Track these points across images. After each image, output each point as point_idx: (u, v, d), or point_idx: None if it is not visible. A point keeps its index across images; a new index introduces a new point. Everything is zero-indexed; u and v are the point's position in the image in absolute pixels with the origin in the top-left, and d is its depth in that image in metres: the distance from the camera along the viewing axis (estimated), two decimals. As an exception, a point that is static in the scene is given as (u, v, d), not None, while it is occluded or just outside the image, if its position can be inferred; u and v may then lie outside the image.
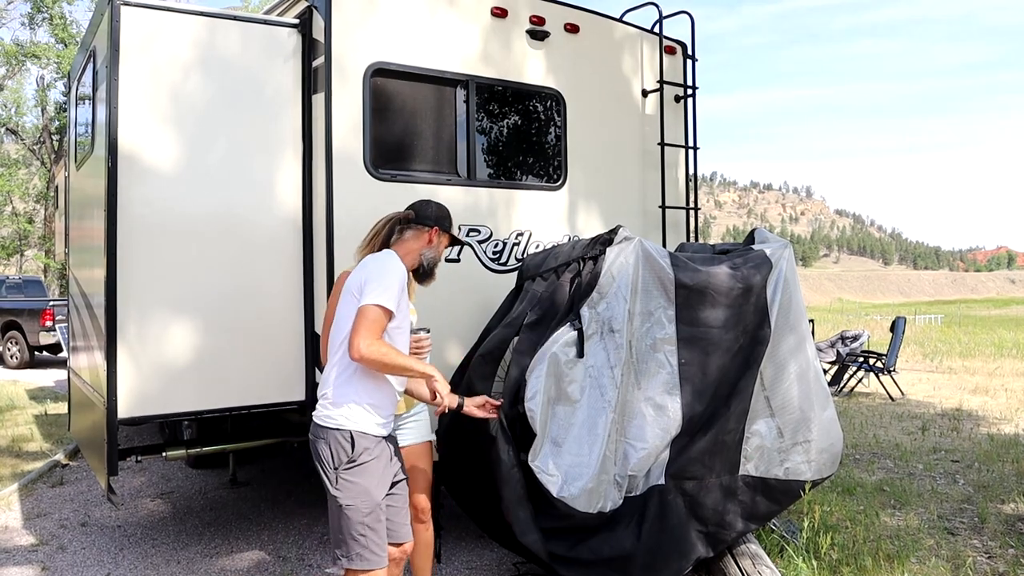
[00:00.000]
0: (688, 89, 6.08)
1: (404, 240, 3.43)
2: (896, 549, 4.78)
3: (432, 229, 3.45)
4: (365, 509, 3.07)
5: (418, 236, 3.44)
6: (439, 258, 3.52)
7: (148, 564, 4.85)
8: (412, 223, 3.45)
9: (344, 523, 3.07)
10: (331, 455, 3.10)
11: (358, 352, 2.97)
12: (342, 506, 3.06)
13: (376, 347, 2.98)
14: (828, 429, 4.53)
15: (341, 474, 3.08)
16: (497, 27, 5.13)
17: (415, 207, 3.51)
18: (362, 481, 3.08)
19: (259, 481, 6.65)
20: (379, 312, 3.02)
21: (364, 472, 3.09)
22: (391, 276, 3.10)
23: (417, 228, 3.44)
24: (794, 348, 4.40)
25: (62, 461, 7.44)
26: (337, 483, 3.08)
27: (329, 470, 3.10)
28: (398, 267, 3.16)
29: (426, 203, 3.55)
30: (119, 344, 4.20)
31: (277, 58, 4.62)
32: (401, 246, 3.40)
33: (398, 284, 3.10)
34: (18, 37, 30.93)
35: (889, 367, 11.46)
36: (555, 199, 5.37)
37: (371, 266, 3.15)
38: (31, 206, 34.37)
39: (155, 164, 4.31)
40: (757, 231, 4.84)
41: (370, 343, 2.97)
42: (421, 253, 3.43)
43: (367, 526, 3.07)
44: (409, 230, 3.44)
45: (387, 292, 3.05)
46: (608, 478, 4.00)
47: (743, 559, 4.22)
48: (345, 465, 3.08)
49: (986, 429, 8.85)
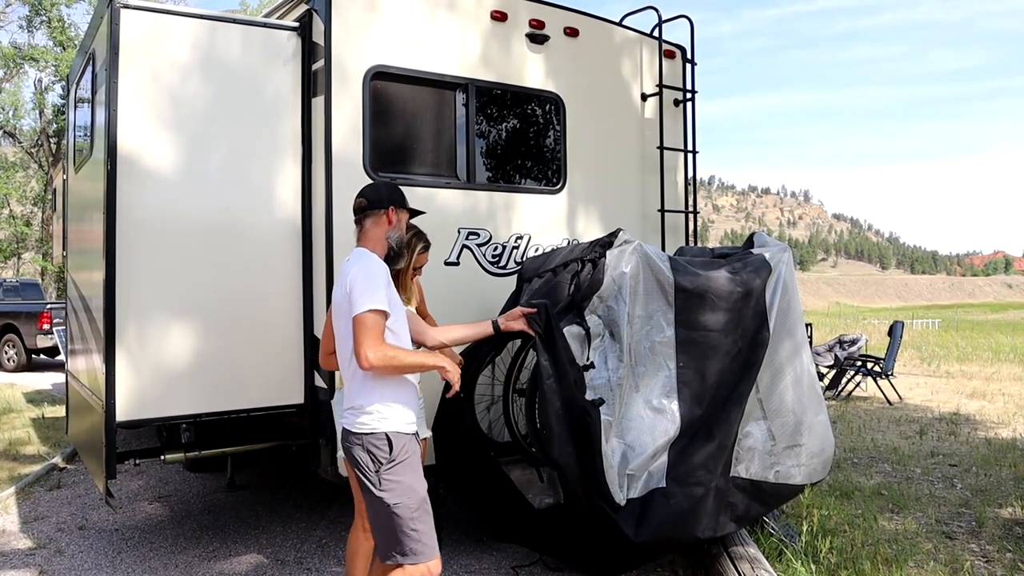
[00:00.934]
0: (687, 93, 6.10)
1: (366, 231, 3.35)
2: (894, 553, 4.78)
3: (388, 210, 3.34)
4: (413, 505, 3.10)
5: (377, 222, 3.34)
6: (404, 237, 3.46)
7: (146, 568, 4.84)
8: (367, 211, 3.35)
9: (395, 522, 3.09)
10: (370, 459, 3.12)
11: (367, 362, 2.99)
12: (390, 505, 3.08)
13: (383, 353, 3.00)
14: (820, 434, 4.54)
15: (383, 475, 3.10)
16: (497, 31, 5.13)
17: (364, 194, 3.41)
18: (405, 478, 3.12)
19: (257, 485, 6.64)
20: (373, 316, 3.02)
21: (405, 469, 3.13)
22: (371, 275, 3.08)
23: (374, 214, 3.34)
24: (790, 353, 4.41)
25: (60, 464, 7.42)
26: (381, 484, 3.10)
27: (370, 473, 3.11)
28: (374, 264, 3.14)
29: (374, 187, 3.47)
30: (117, 347, 4.19)
31: (277, 61, 4.62)
32: (367, 239, 3.33)
33: (382, 280, 3.09)
34: (16, 40, 30.93)
35: (887, 371, 11.46)
36: (554, 203, 5.37)
37: (350, 273, 3.13)
38: (29, 209, 34.38)
39: (154, 167, 4.31)
40: (756, 235, 4.85)
41: (375, 350, 2.99)
42: (387, 237, 3.34)
43: (417, 520, 3.11)
44: (367, 219, 3.35)
45: (374, 293, 3.03)
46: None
47: (741, 562, 4.22)
48: (386, 466, 3.10)
49: (984, 433, 8.85)
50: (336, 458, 4.43)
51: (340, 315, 3.15)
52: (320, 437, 4.58)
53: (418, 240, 3.90)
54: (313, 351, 4.61)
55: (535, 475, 4.74)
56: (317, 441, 4.61)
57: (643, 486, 4.11)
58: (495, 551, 4.94)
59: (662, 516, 4.05)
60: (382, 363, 3.00)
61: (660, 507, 4.06)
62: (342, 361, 3.24)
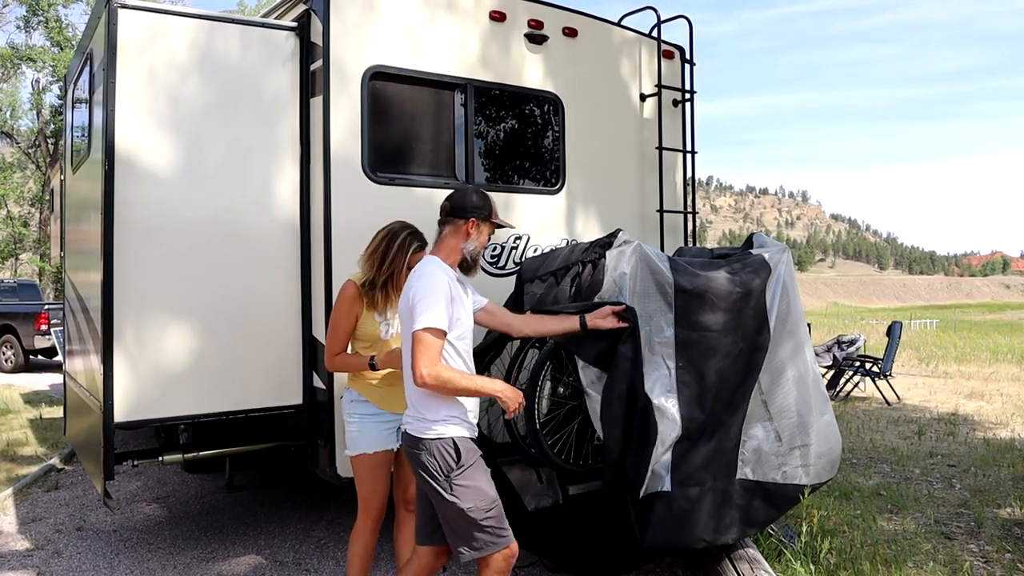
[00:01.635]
0: (686, 93, 6.09)
1: (443, 239, 3.37)
2: (893, 553, 4.78)
3: (468, 221, 3.35)
4: (484, 506, 3.16)
5: (455, 231, 3.36)
6: (481, 249, 3.44)
7: (144, 569, 4.83)
8: (447, 218, 3.38)
9: (468, 523, 3.15)
10: (439, 465, 3.15)
11: (420, 380, 3.04)
12: (464, 510, 3.13)
13: (436, 373, 3.04)
14: (826, 434, 4.52)
15: (454, 481, 3.14)
16: (495, 31, 5.13)
17: (451, 199, 3.42)
18: (475, 482, 3.17)
19: (256, 485, 6.63)
20: (430, 335, 3.05)
21: (474, 473, 3.18)
22: (432, 292, 3.11)
23: (453, 223, 3.36)
24: (792, 353, 4.40)
25: (57, 465, 7.41)
26: (453, 490, 3.14)
27: (441, 479, 3.15)
28: (438, 281, 3.15)
29: (461, 193, 3.45)
30: (115, 348, 4.18)
31: (275, 61, 4.61)
32: (441, 246, 3.36)
33: (443, 297, 3.11)
34: (13, 40, 30.87)
35: (885, 371, 11.47)
36: (553, 203, 5.37)
37: (415, 286, 3.16)
38: (26, 210, 34.34)
39: (152, 167, 4.30)
40: (755, 235, 4.84)
41: (429, 370, 3.03)
42: (462, 248, 3.35)
43: (490, 517, 3.17)
44: (446, 226, 3.38)
45: (434, 311, 3.07)
46: None
47: (741, 563, 4.21)
48: (456, 471, 3.14)
49: (982, 434, 8.85)
50: (335, 459, 4.43)
51: (404, 322, 3.22)
52: (319, 438, 4.57)
53: (413, 239, 3.82)
54: (311, 352, 4.60)
55: (534, 476, 4.73)
56: (316, 442, 4.60)
57: (645, 488, 4.11)
58: (494, 552, 4.93)
59: (665, 519, 4.04)
60: (435, 383, 3.05)
61: (663, 510, 4.06)
62: (405, 365, 3.26)
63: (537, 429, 4.06)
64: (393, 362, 3.62)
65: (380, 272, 3.68)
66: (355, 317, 3.75)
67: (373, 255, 3.68)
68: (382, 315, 3.76)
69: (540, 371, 4.11)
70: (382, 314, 3.76)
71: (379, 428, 3.74)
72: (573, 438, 4.27)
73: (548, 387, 4.28)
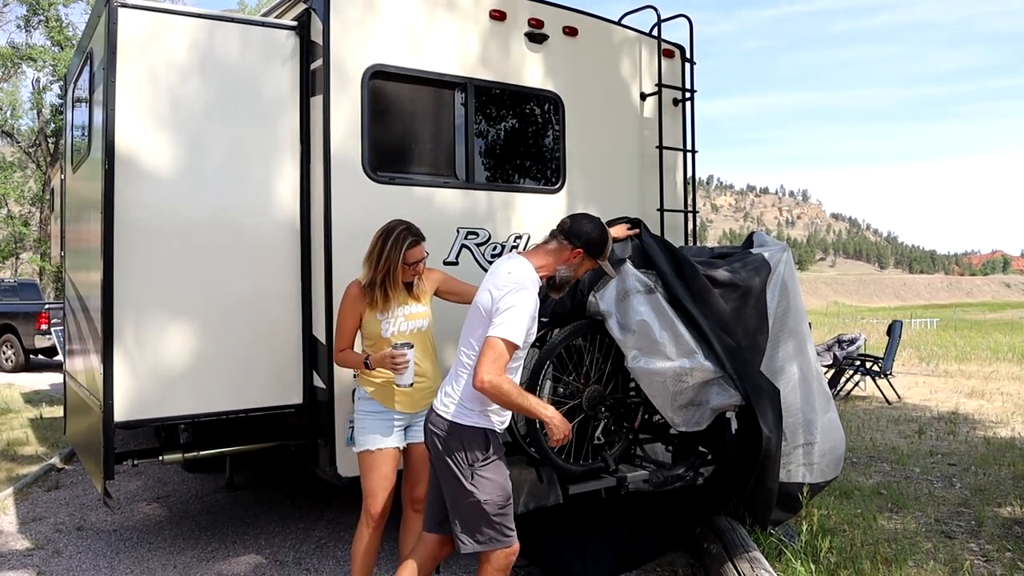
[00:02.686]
0: (686, 92, 6.09)
1: (546, 250, 3.37)
2: (894, 552, 4.77)
3: (575, 250, 3.34)
4: (500, 501, 3.19)
5: (559, 251, 3.35)
6: (571, 280, 3.44)
7: (144, 568, 4.82)
8: (562, 234, 3.36)
9: (482, 515, 3.19)
10: (466, 453, 3.19)
11: (480, 383, 3.04)
12: (480, 501, 3.16)
13: (497, 382, 3.03)
14: (830, 432, 4.53)
15: (477, 471, 3.17)
16: (496, 30, 5.12)
17: (573, 218, 3.43)
18: (496, 476, 3.20)
19: (256, 485, 6.63)
20: (505, 347, 3.06)
21: (498, 467, 3.22)
22: (523, 309, 3.10)
23: (562, 242, 3.35)
24: (795, 351, 4.40)
25: (58, 465, 7.40)
26: (473, 479, 3.17)
27: (464, 467, 3.18)
28: (530, 298, 3.15)
29: (586, 220, 3.43)
30: (115, 347, 4.18)
31: (275, 60, 4.61)
32: (537, 256, 3.35)
33: (530, 316, 3.13)
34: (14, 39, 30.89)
35: (885, 371, 11.46)
36: (553, 202, 5.36)
37: (509, 291, 3.13)
38: (27, 209, 34.33)
39: (152, 167, 4.29)
40: (756, 234, 4.85)
41: (492, 378, 3.02)
42: (557, 269, 3.35)
43: (502, 514, 3.21)
44: (556, 240, 3.37)
45: (518, 326, 3.08)
46: None
47: (741, 562, 4.21)
48: (481, 462, 3.18)
49: (982, 433, 8.85)
50: (335, 458, 4.43)
51: (478, 309, 3.23)
52: (319, 437, 4.57)
53: (408, 234, 3.74)
54: (312, 351, 4.60)
55: (534, 475, 4.73)
56: (316, 441, 4.60)
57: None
58: (494, 551, 4.93)
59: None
60: (493, 392, 3.05)
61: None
62: (462, 342, 3.30)
63: (538, 429, 4.06)
64: (383, 363, 3.63)
65: (377, 271, 3.70)
66: (358, 316, 3.80)
67: (371, 256, 3.73)
68: (383, 314, 3.78)
69: (540, 370, 4.11)
70: (383, 313, 3.78)
71: (383, 425, 3.76)
72: (573, 437, 4.27)
73: (548, 386, 4.28)
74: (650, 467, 4.40)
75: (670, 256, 4.19)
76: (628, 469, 4.35)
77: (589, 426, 4.34)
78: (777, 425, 4.00)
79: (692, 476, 4.32)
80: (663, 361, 3.94)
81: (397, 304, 3.80)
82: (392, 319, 3.79)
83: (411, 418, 3.86)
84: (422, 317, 3.89)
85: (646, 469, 4.38)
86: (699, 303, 4.06)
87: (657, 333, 3.94)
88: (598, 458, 4.32)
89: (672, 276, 4.10)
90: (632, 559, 4.69)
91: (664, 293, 4.07)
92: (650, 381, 4.03)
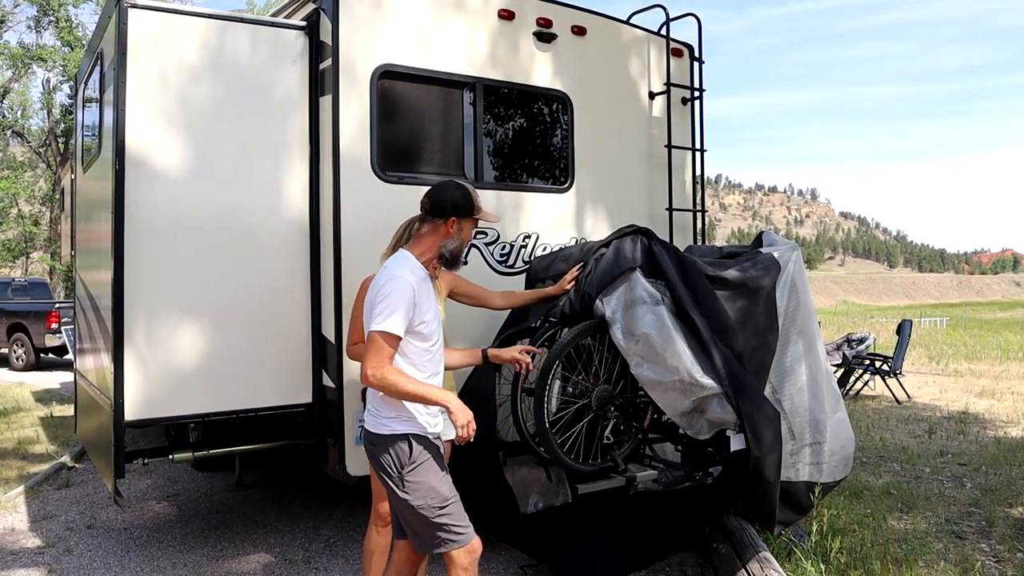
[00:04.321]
0: (695, 91, 6.08)
1: (420, 236, 3.27)
2: (904, 553, 4.76)
3: (447, 221, 3.24)
4: (437, 504, 3.14)
5: (434, 230, 3.26)
6: (463, 245, 3.32)
7: (154, 567, 4.84)
8: (429, 214, 3.26)
9: (423, 520, 3.15)
10: (391, 461, 3.14)
11: (365, 379, 3.03)
12: (414, 507, 3.13)
13: (381, 375, 2.99)
14: (840, 431, 4.51)
15: (406, 477, 3.13)
16: (504, 29, 5.12)
17: (430, 195, 3.29)
18: (426, 479, 3.15)
19: (265, 484, 6.64)
20: (384, 339, 3.00)
21: (426, 471, 3.15)
22: (394, 297, 3.02)
23: (433, 221, 3.26)
24: (804, 350, 4.38)
25: (68, 463, 7.44)
26: (404, 486, 3.13)
27: (394, 475, 3.15)
28: (401, 285, 3.05)
29: (441, 189, 3.31)
30: (126, 346, 4.20)
31: (284, 60, 4.62)
32: (417, 243, 3.27)
33: (402, 302, 3.02)
34: (24, 40, 30.97)
35: (895, 370, 11.41)
36: (562, 201, 5.36)
37: (381, 285, 3.09)
38: (37, 208, 34.46)
39: (162, 166, 4.31)
40: (765, 234, 4.83)
41: (375, 371, 2.99)
42: (441, 246, 3.25)
43: (445, 515, 3.15)
44: (425, 224, 3.27)
45: (391, 316, 3.01)
46: None
47: (751, 562, 4.20)
48: (408, 468, 3.13)
49: (993, 432, 8.81)
50: (344, 457, 4.43)
51: (367, 311, 3.15)
52: (328, 436, 4.58)
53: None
54: (321, 350, 4.61)
55: (543, 475, 4.73)
56: (325, 440, 4.61)
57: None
58: (504, 551, 4.94)
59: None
60: (379, 385, 3.02)
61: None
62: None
63: (547, 428, 4.06)
64: None
65: None
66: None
67: (394, 247, 3.70)
68: None
69: (550, 370, 4.11)
70: None
71: None
72: (583, 437, 4.27)
73: (558, 386, 4.28)
74: (659, 467, 4.39)
75: (679, 266, 4.17)
76: (637, 469, 4.34)
77: (598, 425, 4.33)
78: (773, 448, 3.96)
79: (701, 476, 4.30)
80: (665, 373, 3.94)
81: None
82: None
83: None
84: (442, 313, 3.91)
85: (655, 469, 4.37)
86: (706, 316, 4.04)
87: (660, 347, 3.93)
88: (607, 458, 4.31)
89: (681, 287, 4.07)
90: (641, 559, 4.68)
91: (671, 306, 4.04)
92: (652, 388, 4.03)
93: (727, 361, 3.94)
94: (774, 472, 4.00)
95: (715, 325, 4.04)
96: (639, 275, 4.11)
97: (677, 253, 4.28)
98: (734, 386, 3.89)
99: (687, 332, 3.99)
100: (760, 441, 3.91)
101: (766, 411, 3.95)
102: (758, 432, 3.90)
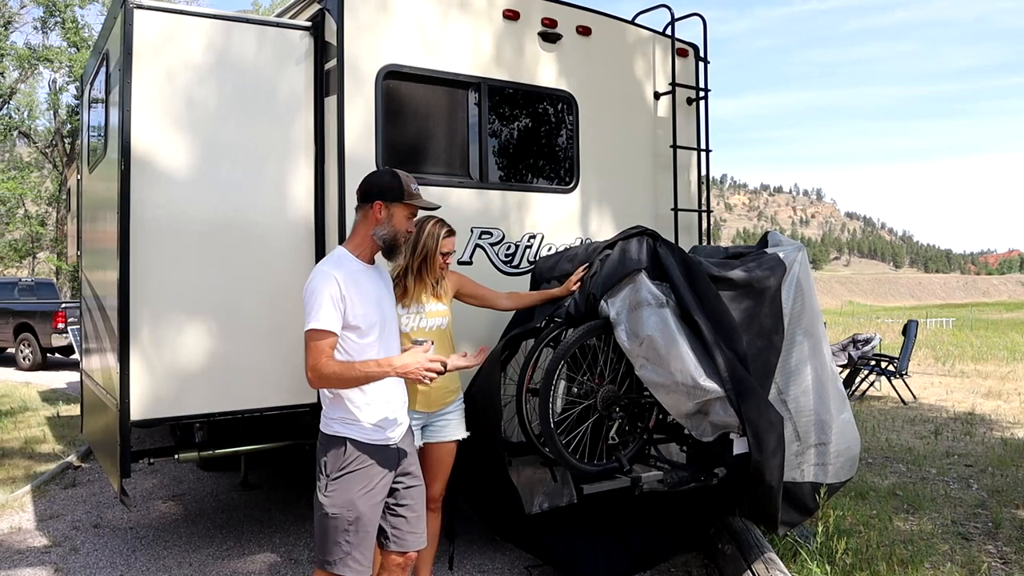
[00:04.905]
0: (700, 91, 6.07)
1: (355, 227, 3.17)
2: (910, 554, 4.75)
3: (374, 206, 3.10)
4: (349, 518, 3.04)
5: (364, 217, 3.14)
6: (399, 234, 3.15)
7: (160, 566, 4.85)
8: (358, 203, 3.16)
9: (326, 530, 3.05)
10: (326, 461, 3.09)
11: (309, 380, 2.98)
12: (326, 513, 3.04)
13: (321, 370, 2.93)
14: (845, 432, 4.51)
15: (331, 480, 3.06)
16: (509, 29, 5.12)
17: (361, 183, 3.19)
18: (348, 489, 3.05)
19: (271, 484, 6.66)
20: (315, 336, 2.95)
21: (352, 480, 3.05)
22: (314, 295, 2.97)
23: (362, 208, 3.15)
24: (810, 351, 4.38)
25: (74, 463, 7.46)
26: (327, 489, 3.06)
27: (322, 475, 3.09)
28: (319, 279, 2.99)
29: (372, 175, 3.21)
30: (132, 346, 4.21)
31: (289, 61, 4.62)
32: (352, 236, 3.18)
33: (326, 299, 2.95)
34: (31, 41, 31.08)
35: (901, 370, 11.39)
36: (567, 202, 5.36)
37: (307, 282, 3.05)
38: (43, 209, 34.61)
39: (168, 167, 4.32)
40: (771, 234, 4.82)
41: (313, 369, 2.94)
42: (372, 234, 3.12)
43: (352, 533, 3.04)
44: (358, 213, 3.16)
45: (315, 312, 2.95)
46: None
47: (756, 563, 4.19)
48: (337, 472, 3.05)
49: (999, 433, 8.78)
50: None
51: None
52: (333, 436, 4.58)
53: (442, 225, 3.89)
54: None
55: (547, 475, 4.73)
56: (330, 440, 4.60)
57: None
58: (509, 551, 4.94)
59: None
60: (322, 381, 2.96)
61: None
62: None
63: (552, 428, 4.06)
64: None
65: (414, 258, 3.83)
66: None
67: (407, 245, 3.71)
68: (404, 308, 3.82)
69: (555, 370, 4.11)
70: (405, 307, 3.82)
71: None
72: (588, 437, 4.27)
73: (563, 386, 4.28)
74: (664, 467, 4.39)
75: (684, 268, 4.16)
76: (642, 469, 4.34)
77: (603, 426, 4.33)
78: (775, 452, 3.96)
79: (706, 477, 4.30)
80: (668, 376, 3.94)
81: (419, 299, 3.84)
82: (412, 313, 3.83)
83: (428, 417, 3.88)
84: (442, 315, 3.94)
85: (660, 469, 4.37)
86: (710, 318, 4.03)
87: (663, 349, 3.93)
88: (612, 458, 4.31)
89: (685, 290, 4.07)
90: (646, 559, 4.68)
91: (676, 308, 4.04)
92: (656, 390, 4.03)
93: (731, 364, 3.93)
94: (776, 476, 3.99)
95: (719, 328, 4.04)
96: (644, 277, 4.11)
97: (682, 255, 4.27)
98: (737, 390, 3.88)
99: (691, 335, 3.98)
100: (762, 445, 3.90)
101: (769, 415, 3.94)
102: (760, 436, 3.89)
